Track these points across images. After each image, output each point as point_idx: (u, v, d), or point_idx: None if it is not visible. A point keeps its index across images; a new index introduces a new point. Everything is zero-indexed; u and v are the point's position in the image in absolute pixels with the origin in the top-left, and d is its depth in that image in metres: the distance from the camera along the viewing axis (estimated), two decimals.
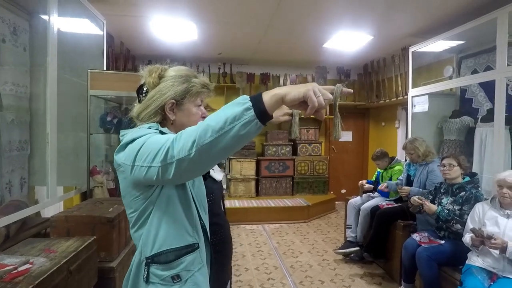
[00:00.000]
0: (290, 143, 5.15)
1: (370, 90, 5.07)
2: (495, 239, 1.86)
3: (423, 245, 2.40)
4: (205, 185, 1.00)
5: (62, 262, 1.47)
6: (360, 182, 3.58)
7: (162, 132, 0.87)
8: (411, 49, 3.67)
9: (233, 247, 3.52)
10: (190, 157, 0.71)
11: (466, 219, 2.21)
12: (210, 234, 0.99)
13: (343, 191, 5.42)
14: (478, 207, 2.17)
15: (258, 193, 5.04)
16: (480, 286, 1.92)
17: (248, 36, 3.84)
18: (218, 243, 1.05)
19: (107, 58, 3.71)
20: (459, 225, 2.27)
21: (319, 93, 0.72)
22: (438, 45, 3.47)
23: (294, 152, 5.17)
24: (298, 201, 4.77)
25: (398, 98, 4.27)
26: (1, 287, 1.25)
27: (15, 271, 1.36)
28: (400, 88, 4.22)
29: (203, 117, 0.96)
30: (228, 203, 4.62)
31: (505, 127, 2.91)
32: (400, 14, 3.16)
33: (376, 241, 2.96)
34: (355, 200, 3.48)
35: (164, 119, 0.95)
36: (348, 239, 3.33)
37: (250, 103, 0.70)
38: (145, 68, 0.99)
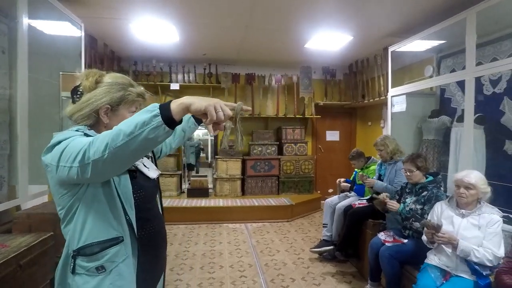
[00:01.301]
0: (276, 142, 5.18)
1: (355, 89, 5.07)
2: (443, 234, 1.88)
3: (386, 244, 2.42)
4: (135, 183, 1.05)
5: (10, 256, 1.54)
6: (338, 180, 3.60)
7: (87, 135, 0.94)
8: (390, 49, 3.67)
9: (212, 245, 3.62)
10: (104, 159, 0.79)
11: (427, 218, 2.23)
12: (138, 228, 1.03)
13: (330, 190, 5.43)
14: (437, 207, 2.18)
15: (244, 192, 5.08)
16: (432, 284, 1.94)
17: (228, 36, 3.89)
18: (146, 236, 1.08)
19: (92, 60, 3.82)
20: (418, 223, 2.29)
21: (219, 109, 0.82)
22: (416, 44, 3.47)
23: (280, 151, 5.20)
24: (282, 200, 4.80)
25: (381, 98, 4.27)
26: None
27: None
28: (382, 88, 4.22)
29: None
30: (213, 202, 4.69)
31: (479, 126, 2.92)
32: (377, 14, 3.17)
33: (348, 240, 2.99)
34: (331, 199, 3.50)
35: (97, 122, 1.01)
36: (323, 238, 3.35)
37: (158, 111, 0.78)
38: (83, 71, 1.05)
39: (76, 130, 0.95)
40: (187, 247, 3.63)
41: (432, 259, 2.07)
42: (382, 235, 2.52)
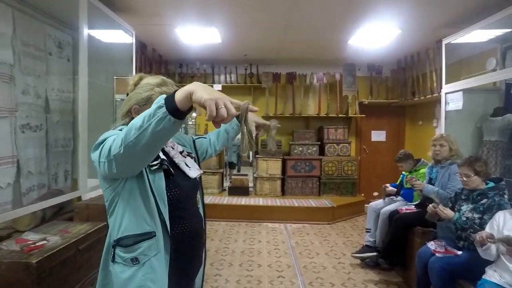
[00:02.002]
0: (317, 142, 5.07)
1: (404, 86, 4.74)
2: None
3: (437, 254, 2.22)
4: (171, 181, 1.06)
5: (71, 241, 1.73)
6: (384, 185, 3.40)
7: None
8: (444, 42, 3.36)
9: (251, 243, 3.66)
10: (121, 153, 0.82)
11: None
12: (172, 225, 1.04)
13: (375, 193, 5.15)
14: (499, 216, 1.95)
15: (284, 192, 5.05)
16: None
17: (269, 37, 3.90)
18: (180, 234, 1.08)
19: (141, 64, 4.11)
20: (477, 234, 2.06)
21: (222, 105, 0.74)
22: (476, 35, 3.13)
23: (321, 152, 5.07)
24: (323, 202, 4.67)
25: (434, 95, 3.94)
26: (19, 256, 1.54)
27: (33, 245, 1.64)
28: (435, 84, 3.89)
29: None
30: (253, 201, 4.74)
31: None
32: (429, 3, 2.92)
33: (392, 247, 2.81)
34: (376, 203, 3.32)
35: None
36: (366, 243, 3.20)
37: (163, 101, 0.76)
38: (133, 74, 1.17)
39: (120, 130, 1.01)
40: (227, 243, 3.72)
41: (492, 275, 1.86)
42: (432, 245, 2.32)
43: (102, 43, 3.10)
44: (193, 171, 1.15)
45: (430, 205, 2.34)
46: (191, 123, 5.48)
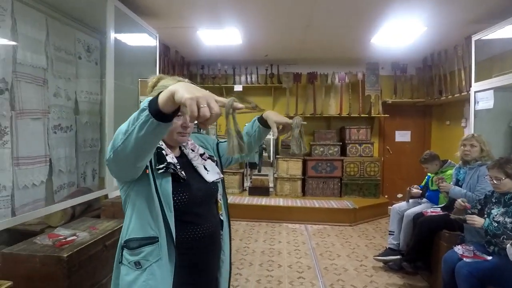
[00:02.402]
0: (338, 143, 4.99)
1: (431, 85, 4.55)
2: None
3: (465, 259, 2.13)
4: (180, 185, 1.03)
5: (98, 237, 1.81)
6: (409, 187, 3.29)
7: None
8: (474, 38, 3.21)
9: (271, 244, 3.66)
10: (111, 159, 0.83)
11: None
12: (179, 230, 1.01)
13: (399, 195, 4.98)
14: None
15: (304, 193, 5.01)
16: None
17: (289, 37, 3.89)
18: (190, 240, 1.04)
19: (165, 66, 4.22)
20: (510, 241, 1.95)
21: (205, 104, 0.69)
22: (508, 30, 2.96)
23: (343, 152, 4.98)
24: (344, 203, 4.60)
25: (462, 94, 3.76)
26: (52, 250, 1.63)
27: (64, 240, 1.74)
28: (464, 83, 3.72)
29: (183, 126, 1.06)
30: (273, 201, 4.74)
31: None
32: None
33: (417, 251, 2.72)
34: (399, 205, 3.23)
35: None
36: (389, 246, 3.12)
37: (146, 104, 0.74)
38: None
39: None
40: (247, 243, 3.74)
41: None
42: (459, 249, 2.22)
43: (127, 47, 3.22)
44: (211, 175, 1.12)
45: (459, 200, 2.25)
46: None
